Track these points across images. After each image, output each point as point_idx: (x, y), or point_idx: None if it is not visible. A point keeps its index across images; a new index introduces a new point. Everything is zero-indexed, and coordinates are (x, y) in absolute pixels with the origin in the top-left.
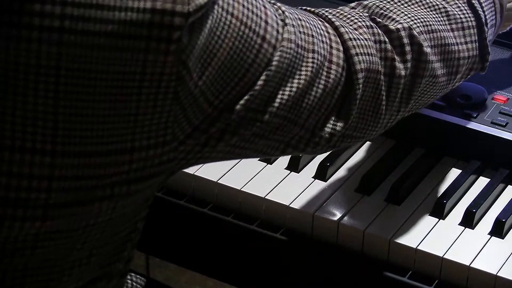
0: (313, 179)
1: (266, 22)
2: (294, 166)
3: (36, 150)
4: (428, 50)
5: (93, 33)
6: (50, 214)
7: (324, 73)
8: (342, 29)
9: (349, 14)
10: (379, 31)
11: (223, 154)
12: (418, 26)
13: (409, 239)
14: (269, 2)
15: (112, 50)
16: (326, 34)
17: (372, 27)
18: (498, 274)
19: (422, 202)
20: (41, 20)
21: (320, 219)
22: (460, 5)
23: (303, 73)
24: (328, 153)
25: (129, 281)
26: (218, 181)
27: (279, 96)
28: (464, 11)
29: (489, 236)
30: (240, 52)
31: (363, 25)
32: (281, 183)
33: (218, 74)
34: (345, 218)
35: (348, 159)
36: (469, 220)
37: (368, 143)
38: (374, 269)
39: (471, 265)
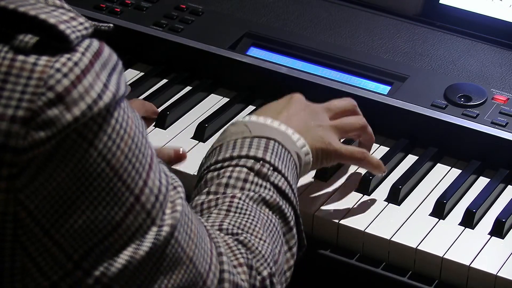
0: (313, 179)
1: (146, 184)
2: None
3: None
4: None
5: None
6: None
7: None
8: (224, 258)
9: (234, 246)
10: (256, 276)
11: None
12: (276, 269)
13: (409, 239)
14: (173, 187)
15: None
16: (209, 253)
17: (251, 268)
18: (498, 274)
19: (422, 202)
20: None
21: (320, 219)
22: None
23: (173, 278)
24: None
25: None
26: None
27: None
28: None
29: (489, 236)
30: (108, 207)
31: (243, 263)
32: None
33: (80, 227)
34: (345, 218)
35: None
36: (469, 220)
37: None
38: (374, 269)
39: (471, 265)
